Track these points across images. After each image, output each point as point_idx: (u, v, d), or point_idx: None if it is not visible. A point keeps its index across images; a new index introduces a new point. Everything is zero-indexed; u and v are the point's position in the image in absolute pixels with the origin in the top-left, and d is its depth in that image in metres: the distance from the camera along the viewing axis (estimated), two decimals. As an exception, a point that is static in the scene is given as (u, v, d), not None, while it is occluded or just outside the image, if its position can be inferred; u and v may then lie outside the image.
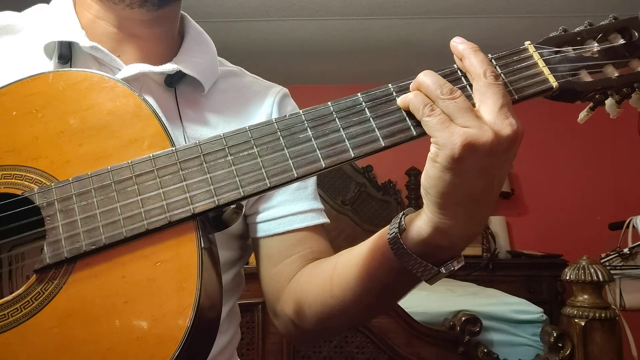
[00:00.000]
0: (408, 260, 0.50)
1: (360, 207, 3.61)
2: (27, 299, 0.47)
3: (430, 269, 0.50)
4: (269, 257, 0.70)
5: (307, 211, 0.71)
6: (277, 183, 0.49)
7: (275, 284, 0.69)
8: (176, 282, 0.47)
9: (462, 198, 0.47)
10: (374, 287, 0.57)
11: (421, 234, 0.50)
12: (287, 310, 0.66)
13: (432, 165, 0.47)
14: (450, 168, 0.45)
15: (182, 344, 0.45)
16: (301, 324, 0.65)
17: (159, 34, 0.68)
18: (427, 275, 0.51)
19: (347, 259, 0.60)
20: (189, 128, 0.66)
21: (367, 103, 0.50)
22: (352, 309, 0.60)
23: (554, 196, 3.59)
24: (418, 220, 0.50)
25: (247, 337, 1.51)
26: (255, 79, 0.78)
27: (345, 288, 0.59)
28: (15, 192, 0.50)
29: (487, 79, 0.47)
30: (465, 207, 0.48)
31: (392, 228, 0.52)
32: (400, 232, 0.51)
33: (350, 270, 0.58)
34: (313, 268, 0.67)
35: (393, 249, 0.51)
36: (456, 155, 0.45)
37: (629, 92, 0.53)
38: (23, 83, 0.54)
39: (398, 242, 0.51)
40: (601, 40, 0.52)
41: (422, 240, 0.50)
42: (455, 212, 0.48)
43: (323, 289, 0.61)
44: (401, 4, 2.68)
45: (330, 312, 0.61)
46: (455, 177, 0.46)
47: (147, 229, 0.48)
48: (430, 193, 0.48)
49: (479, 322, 1.57)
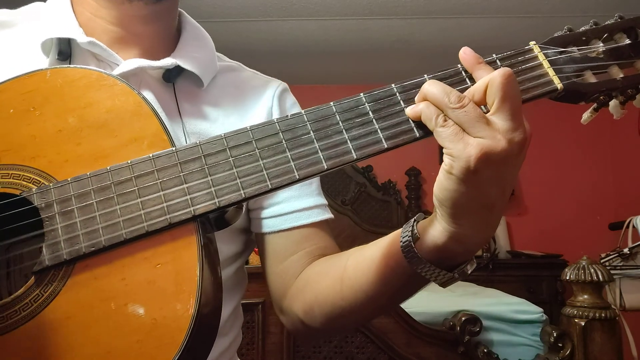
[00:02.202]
0: (422, 267, 0.50)
1: (360, 207, 3.61)
2: (26, 301, 0.47)
3: (444, 275, 0.50)
4: (274, 254, 0.70)
5: (313, 207, 0.70)
6: (278, 185, 0.48)
7: (282, 281, 0.69)
8: (176, 284, 0.46)
9: (478, 207, 0.47)
10: (385, 290, 0.57)
11: (436, 242, 0.49)
12: (295, 308, 0.66)
13: (447, 177, 0.46)
14: (466, 180, 0.45)
15: (182, 347, 0.44)
16: (310, 322, 0.65)
17: (157, 30, 0.68)
18: (440, 279, 0.51)
19: (358, 262, 0.60)
20: (188, 123, 0.66)
21: (370, 104, 0.50)
22: (362, 310, 0.60)
23: (554, 196, 3.59)
24: (432, 229, 0.50)
25: (247, 337, 1.51)
26: (254, 73, 0.78)
27: (357, 291, 0.59)
28: (14, 192, 0.50)
29: (500, 83, 0.45)
30: (481, 215, 0.47)
31: (405, 236, 0.52)
32: (414, 240, 0.51)
33: (362, 275, 0.58)
34: (321, 268, 0.66)
35: (407, 257, 0.51)
36: (472, 168, 0.44)
37: (634, 94, 0.52)
38: (20, 80, 0.54)
39: (412, 251, 0.50)
40: (606, 40, 0.52)
41: (436, 248, 0.49)
42: (471, 221, 0.48)
43: (333, 291, 0.61)
44: (401, 4, 2.68)
45: (340, 313, 0.61)
46: (470, 189, 0.45)
47: (147, 230, 0.47)
48: (446, 205, 0.47)
49: (479, 322, 1.57)
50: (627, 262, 2.15)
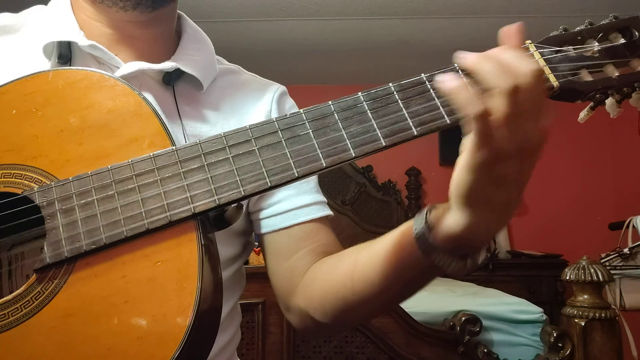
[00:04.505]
0: (436, 256, 0.51)
1: (360, 207, 3.61)
2: (27, 299, 0.47)
3: (457, 263, 0.51)
4: (278, 252, 0.70)
5: (311, 204, 0.71)
6: (277, 182, 0.49)
7: (288, 279, 0.69)
8: (176, 281, 0.47)
9: (500, 205, 0.47)
10: (397, 283, 0.57)
11: (451, 232, 0.49)
12: (304, 305, 0.67)
13: (472, 171, 0.45)
14: (494, 178, 0.45)
15: (182, 344, 0.45)
16: (320, 318, 0.65)
17: (155, 34, 0.68)
18: (453, 268, 0.51)
19: (369, 256, 0.60)
20: (188, 126, 0.67)
21: (367, 102, 0.50)
22: (374, 303, 0.61)
23: (554, 196, 3.59)
24: (447, 220, 0.50)
25: (247, 337, 1.51)
26: (253, 76, 0.78)
27: (369, 285, 0.59)
28: (15, 191, 0.50)
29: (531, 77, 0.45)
30: (501, 210, 0.48)
31: (419, 226, 0.52)
32: (429, 229, 0.51)
33: (374, 268, 0.59)
34: (330, 264, 0.67)
35: (421, 247, 0.51)
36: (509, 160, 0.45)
37: (630, 92, 0.53)
38: (22, 81, 0.54)
39: (426, 240, 0.51)
40: (602, 40, 0.52)
41: (451, 237, 0.50)
42: (491, 215, 0.48)
43: (344, 286, 0.62)
44: (401, 4, 2.68)
45: (352, 307, 0.62)
46: (498, 188, 0.46)
47: (148, 228, 0.47)
48: (471, 197, 0.47)
49: (479, 322, 1.57)
50: (627, 262, 2.15)
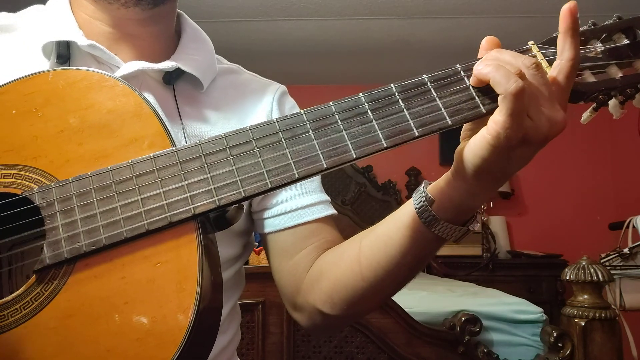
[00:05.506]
0: (438, 226, 0.53)
1: (360, 207, 3.61)
2: (27, 300, 0.47)
3: (459, 229, 0.53)
4: (282, 251, 0.70)
5: (316, 204, 0.71)
6: (278, 183, 0.48)
7: (293, 277, 0.69)
8: (176, 283, 0.46)
9: (503, 175, 0.50)
10: (405, 262, 0.58)
11: (453, 200, 0.52)
12: (312, 300, 0.66)
13: (495, 149, 0.46)
14: (513, 158, 0.47)
15: (182, 345, 0.45)
16: (330, 311, 0.65)
17: (155, 33, 0.68)
18: (456, 235, 0.54)
19: (372, 240, 0.62)
20: (189, 126, 0.66)
21: (369, 103, 0.50)
22: (383, 287, 0.62)
23: (554, 196, 3.59)
24: (449, 189, 0.53)
25: (247, 337, 1.51)
26: (253, 76, 0.78)
27: (377, 269, 0.60)
28: (15, 192, 0.50)
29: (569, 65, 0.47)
30: (504, 179, 0.51)
31: (419, 201, 0.54)
32: (430, 203, 0.53)
33: (379, 251, 0.60)
34: (334, 255, 0.67)
35: (424, 220, 0.53)
36: (536, 142, 0.46)
37: (633, 93, 0.52)
38: (22, 82, 0.54)
39: (428, 212, 0.53)
40: (605, 40, 0.52)
41: (453, 205, 0.52)
42: (494, 184, 0.51)
43: (352, 273, 0.62)
44: (401, 4, 2.68)
45: (362, 294, 0.62)
46: (512, 165, 0.48)
47: (148, 229, 0.47)
48: (484, 171, 0.49)
49: (479, 322, 1.57)
50: (627, 262, 2.14)
